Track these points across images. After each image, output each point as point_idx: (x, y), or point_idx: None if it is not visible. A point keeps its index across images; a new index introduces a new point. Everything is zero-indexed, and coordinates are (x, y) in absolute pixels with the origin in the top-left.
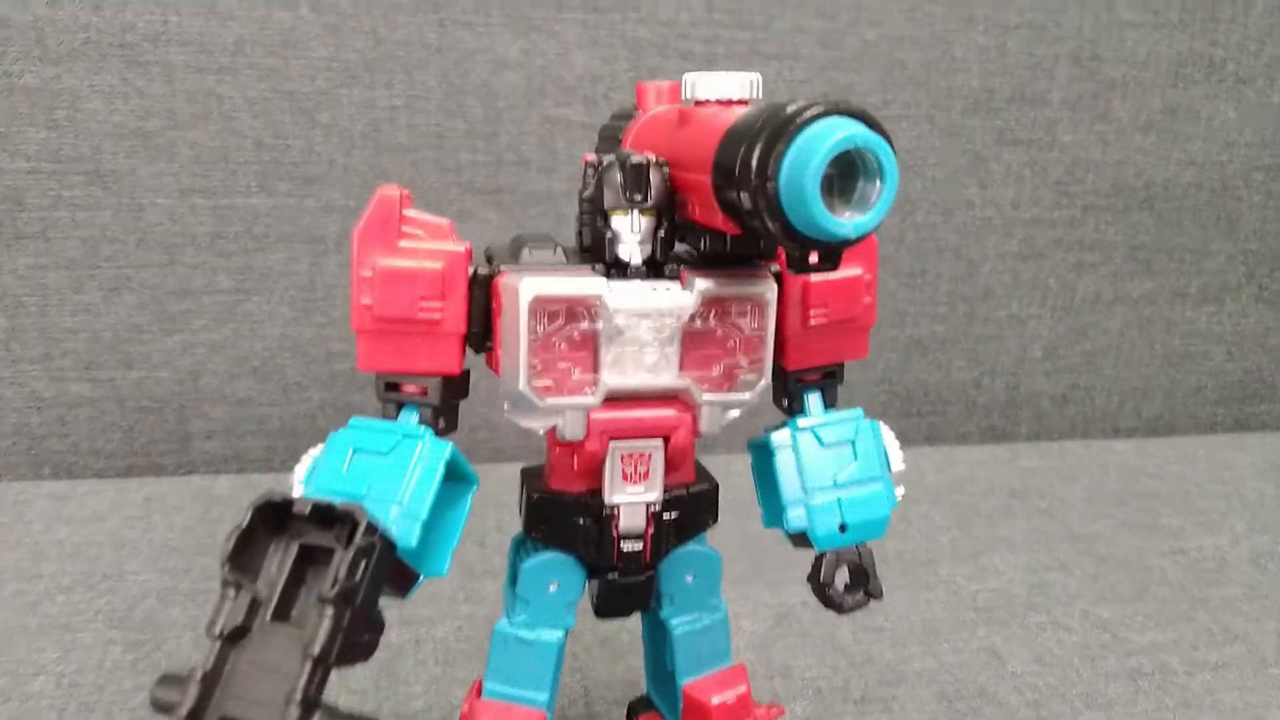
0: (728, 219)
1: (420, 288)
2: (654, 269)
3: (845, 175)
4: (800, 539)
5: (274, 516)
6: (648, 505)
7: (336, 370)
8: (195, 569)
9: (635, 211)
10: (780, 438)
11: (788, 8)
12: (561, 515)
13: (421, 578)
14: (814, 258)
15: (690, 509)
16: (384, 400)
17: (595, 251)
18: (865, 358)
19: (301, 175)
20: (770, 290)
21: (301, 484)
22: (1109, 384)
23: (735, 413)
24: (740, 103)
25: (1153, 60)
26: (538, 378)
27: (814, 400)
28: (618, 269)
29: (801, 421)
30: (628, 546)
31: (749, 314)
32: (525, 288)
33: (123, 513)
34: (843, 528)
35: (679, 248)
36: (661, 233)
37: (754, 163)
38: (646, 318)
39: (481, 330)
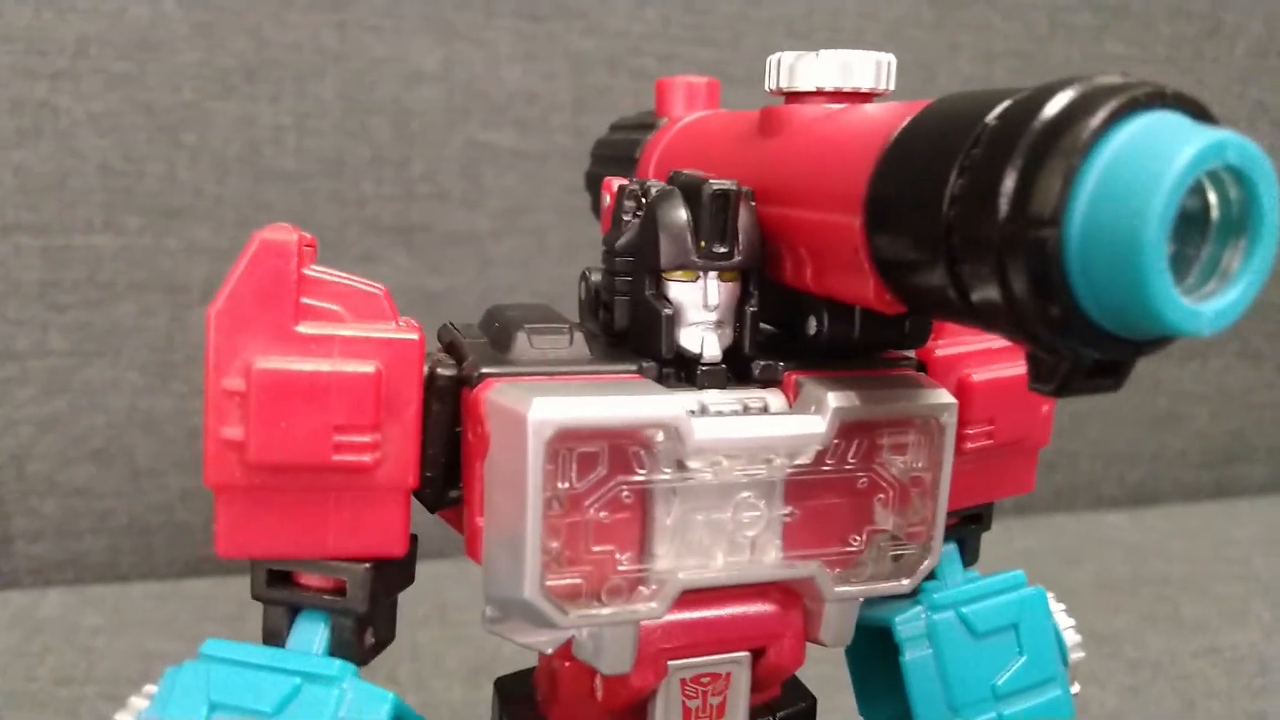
0: (886, 289)
1: (337, 409)
2: (736, 368)
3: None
4: None
5: None
6: None
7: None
8: None
9: (711, 274)
10: (911, 625)
11: (755, 25)
12: None
13: None
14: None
15: None
16: (267, 603)
17: (639, 339)
18: (1031, 492)
19: (160, 208)
20: (949, 408)
21: None
22: (1094, 448)
23: (860, 600)
24: (866, 96)
25: None
26: (559, 571)
27: (949, 557)
28: (679, 369)
29: (940, 595)
30: None
31: (910, 446)
32: (538, 413)
33: None
34: None
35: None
36: (751, 307)
37: (1004, 197)
38: (740, 459)
39: (441, 473)
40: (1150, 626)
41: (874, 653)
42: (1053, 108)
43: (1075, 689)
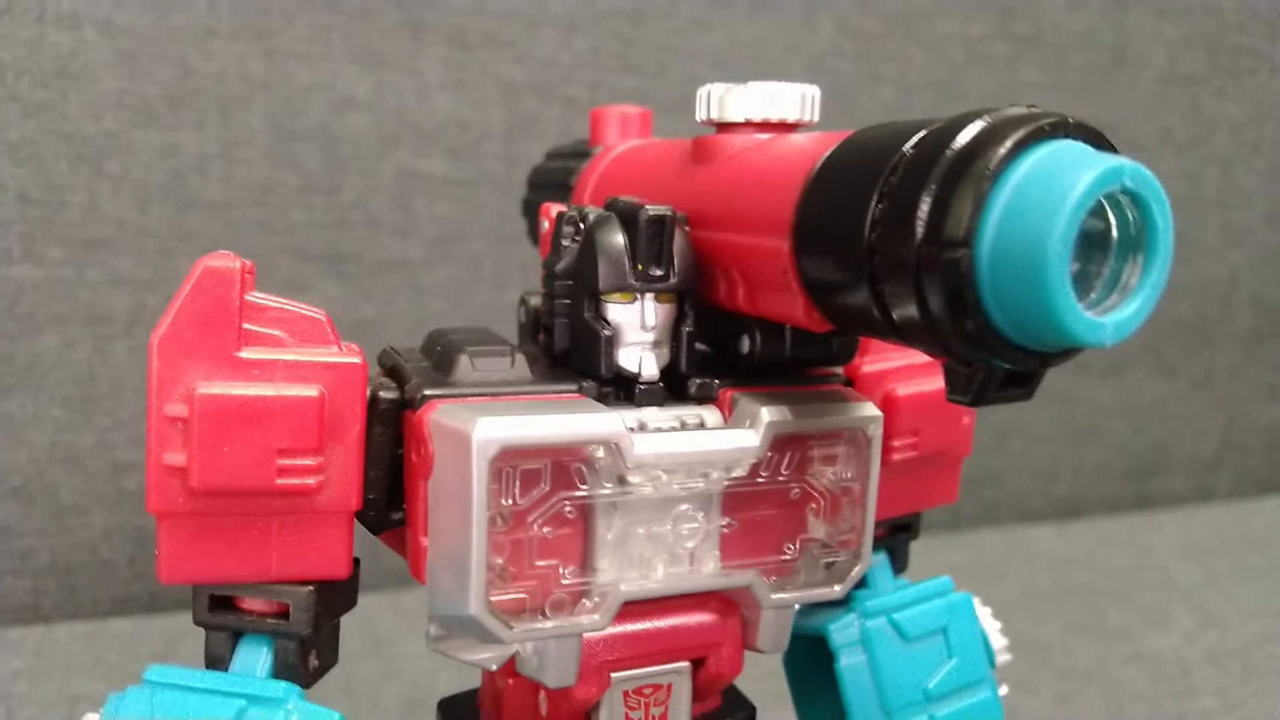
0: (814, 308)
1: (280, 432)
2: (673, 386)
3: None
4: None
5: None
6: None
7: (126, 488)
8: None
9: (648, 296)
10: (844, 632)
11: (680, 55)
12: None
13: None
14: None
15: None
16: (209, 628)
17: (579, 360)
18: (955, 502)
19: (81, 238)
20: (875, 420)
21: None
22: (1018, 463)
23: (795, 607)
24: (792, 126)
25: None
26: (503, 587)
27: (880, 566)
28: (618, 388)
29: (872, 603)
30: None
31: (839, 458)
32: (483, 432)
33: None
34: None
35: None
36: (687, 327)
37: (920, 221)
38: (679, 473)
39: (384, 496)
40: (1078, 635)
41: (811, 662)
42: (964, 137)
43: (1003, 691)
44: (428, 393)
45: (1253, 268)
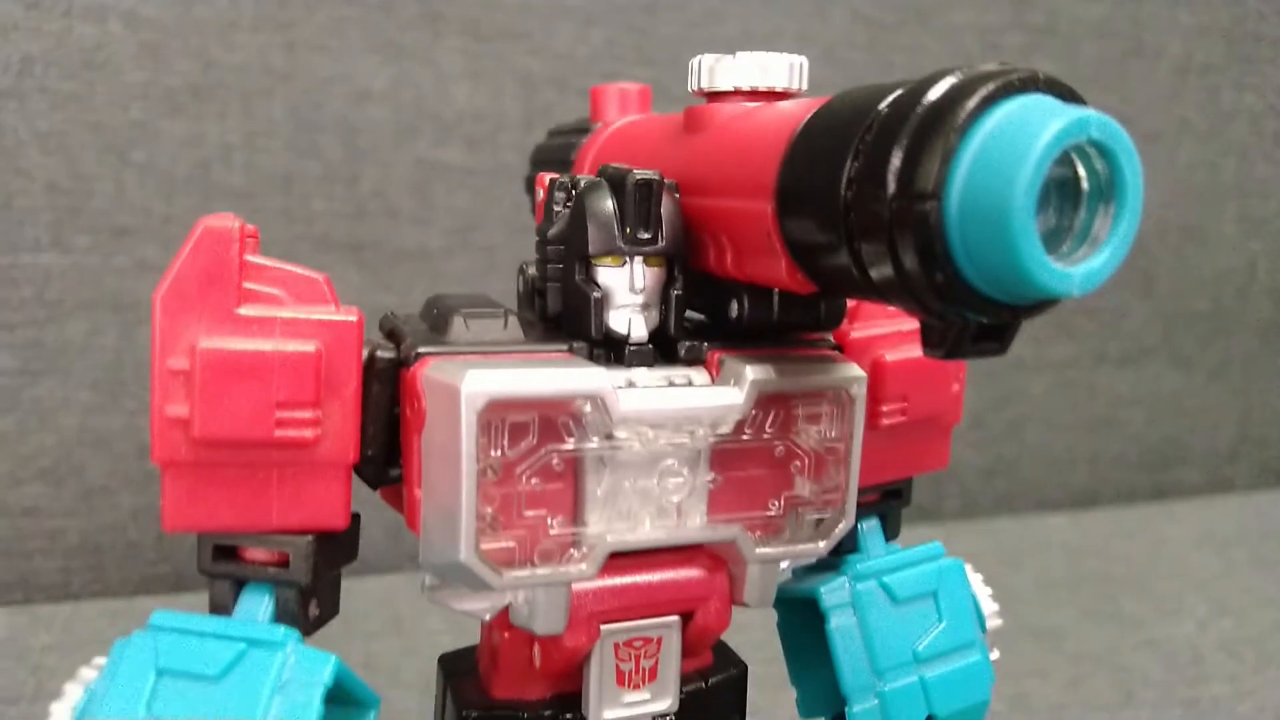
0: (797, 269)
1: (278, 386)
2: (663, 349)
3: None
4: None
5: None
6: (654, 718)
7: (152, 469)
8: None
9: (637, 259)
10: (835, 594)
11: (694, 46)
12: None
13: None
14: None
15: (710, 710)
16: (212, 576)
17: (571, 322)
18: (945, 468)
19: (108, 226)
20: (858, 380)
21: None
22: (1034, 453)
23: (786, 565)
24: (781, 95)
25: None
26: (492, 536)
27: (872, 531)
28: (609, 350)
29: (863, 566)
30: None
31: (823, 417)
32: (471, 385)
33: None
34: None
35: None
36: (675, 290)
37: (891, 176)
38: (665, 429)
39: (382, 452)
40: (1091, 622)
41: (804, 627)
42: (935, 93)
43: (994, 655)
44: (421, 350)
45: (1271, 258)
